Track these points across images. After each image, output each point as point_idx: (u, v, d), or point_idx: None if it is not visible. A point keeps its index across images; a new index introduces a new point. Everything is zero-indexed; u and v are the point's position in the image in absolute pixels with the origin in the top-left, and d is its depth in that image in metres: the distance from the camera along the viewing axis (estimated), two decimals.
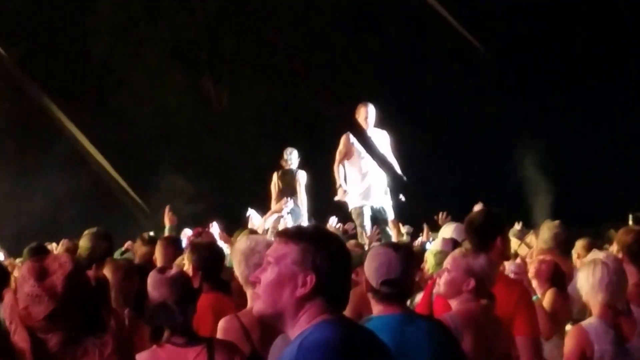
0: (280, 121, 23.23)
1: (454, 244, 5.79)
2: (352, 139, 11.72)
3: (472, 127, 22.71)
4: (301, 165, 13.32)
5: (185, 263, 5.55)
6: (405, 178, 11.57)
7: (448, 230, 6.43)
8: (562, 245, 5.58)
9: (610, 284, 4.52)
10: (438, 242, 6.00)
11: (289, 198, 12.38)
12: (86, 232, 6.62)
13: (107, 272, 5.28)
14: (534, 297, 5.37)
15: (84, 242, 6.44)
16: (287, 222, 11.69)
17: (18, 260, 9.76)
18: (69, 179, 21.40)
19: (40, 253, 6.75)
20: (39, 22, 23.03)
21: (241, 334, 4.32)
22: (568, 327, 4.73)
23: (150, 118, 23.80)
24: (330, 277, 2.67)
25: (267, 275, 2.70)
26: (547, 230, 5.65)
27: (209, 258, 5.37)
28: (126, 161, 19.94)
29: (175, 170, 23.99)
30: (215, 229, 10.12)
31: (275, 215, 12.14)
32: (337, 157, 11.99)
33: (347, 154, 11.81)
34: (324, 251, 2.69)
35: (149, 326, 3.97)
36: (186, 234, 10.06)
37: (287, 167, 13.09)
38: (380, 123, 12.10)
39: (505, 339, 4.51)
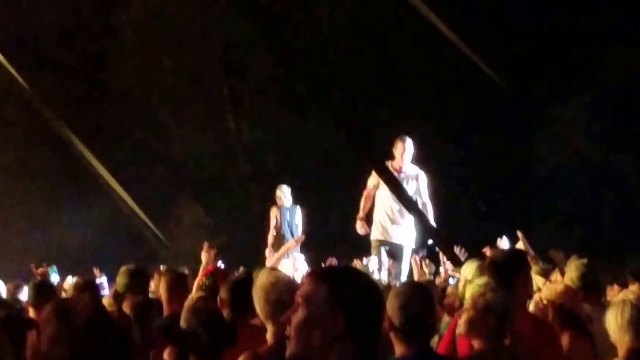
0: (301, 154, 23.26)
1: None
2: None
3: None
4: (325, 200, 13.47)
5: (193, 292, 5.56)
6: (433, 225, 11.16)
7: (470, 268, 6.40)
8: (589, 285, 5.52)
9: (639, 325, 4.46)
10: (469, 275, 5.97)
11: (301, 234, 12.38)
12: (122, 268, 6.64)
13: (125, 307, 5.29)
14: None
15: (120, 279, 6.45)
16: (298, 260, 11.65)
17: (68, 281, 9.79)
18: (90, 211, 21.50)
19: (46, 290, 6.78)
20: (62, 55, 23.23)
21: None
22: None
23: (170, 150, 23.90)
24: (361, 317, 2.65)
25: (297, 316, 2.68)
26: (574, 269, 5.60)
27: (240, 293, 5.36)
28: (146, 193, 19.98)
29: (195, 202, 24.05)
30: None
31: (288, 250, 12.16)
32: (367, 186, 11.73)
33: (376, 185, 11.55)
34: (354, 291, 2.66)
35: (176, 352, 3.97)
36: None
37: (282, 204, 13.27)
38: (417, 161, 11.81)
39: None
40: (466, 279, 6.15)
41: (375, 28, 23.64)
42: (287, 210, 13.26)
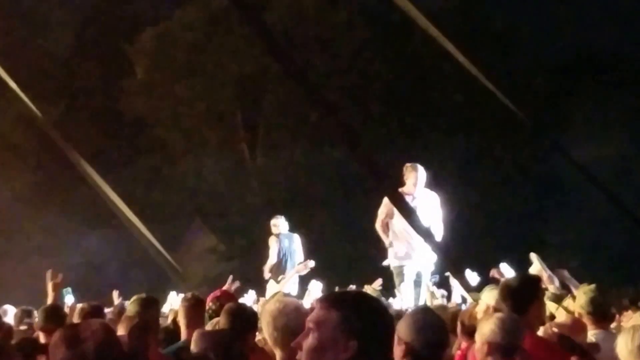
0: (314, 182, 23.29)
1: None
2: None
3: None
4: (336, 226, 13.55)
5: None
6: (445, 250, 11.07)
7: (491, 295, 6.39)
8: (598, 310, 5.51)
9: None
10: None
11: (309, 260, 12.43)
12: (134, 298, 6.65)
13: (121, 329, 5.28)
14: None
15: (132, 307, 6.46)
16: (313, 285, 11.64)
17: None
18: (100, 237, 21.54)
19: (54, 314, 6.77)
20: (74, 83, 23.38)
21: None
22: None
23: (183, 176, 23.95)
24: (372, 342, 2.66)
25: (309, 341, 2.69)
26: (583, 294, 5.59)
27: (242, 321, 5.36)
28: (159, 219, 20.03)
29: (207, 228, 24.07)
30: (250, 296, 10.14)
31: (296, 275, 12.19)
32: (379, 217, 11.67)
33: (389, 214, 11.48)
34: (366, 316, 2.67)
35: None
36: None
37: (278, 233, 13.54)
38: (429, 184, 11.75)
39: None
40: (488, 305, 6.15)
41: (390, 57, 23.74)
42: (285, 238, 13.47)
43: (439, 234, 11.27)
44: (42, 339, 6.35)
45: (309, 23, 23.80)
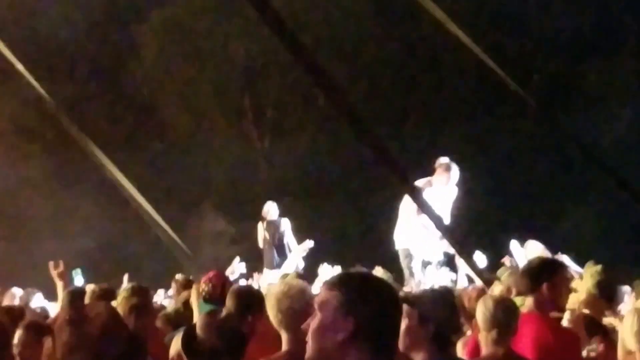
0: (322, 165, 23.29)
1: None
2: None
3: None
4: (346, 209, 13.58)
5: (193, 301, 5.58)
6: (455, 235, 11.04)
7: (510, 279, 6.41)
8: (605, 293, 5.50)
9: None
10: None
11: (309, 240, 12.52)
12: (123, 288, 6.68)
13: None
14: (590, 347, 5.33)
15: (121, 297, 6.47)
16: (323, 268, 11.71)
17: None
18: (110, 220, 21.60)
19: (79, 296, 6.79)
20: (83, 67, 23.41)
21: None
22: None
23: (192, 160, 23.97)
24: (372, 322, 2.68)
25: (313, 322, 2.74)
26: (589, 277, 5.58)
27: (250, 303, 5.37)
28: (168, 203, 20.07)
29: (217, 211, 24.12)
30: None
31: (297, 258, 12.26)
32: (407, 219, 11.55)
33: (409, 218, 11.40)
34: (366, 297, 2.69)
35: None
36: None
37: (268, 219, 13.84)
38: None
39: None
40: (508, 286, 6.19)
41: (400, 40, 23.69)
42: (273, 224, 13.65)
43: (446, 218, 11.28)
44: None
45: (317, 5, 23.74)
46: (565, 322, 5.41)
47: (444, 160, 11.42)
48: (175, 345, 4.74)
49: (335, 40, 23.56)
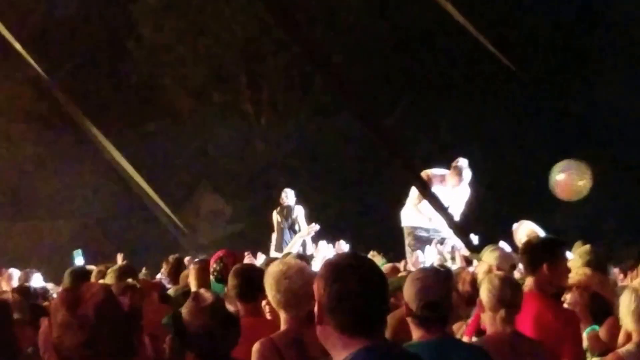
0: (320, 141, 23.27)
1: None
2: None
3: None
4: (343, 189, 13.62)
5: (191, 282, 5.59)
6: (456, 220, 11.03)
7: (491, 256, 6.42)
8: (597, 269, 5.52)
9: None
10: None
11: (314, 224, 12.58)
12: (111, 269, 6.69)
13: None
14: (590, 328, 5.34)
15: (108, 280, 6.49)
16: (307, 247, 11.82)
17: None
18: (108, 199, 21.62)
19: (82, 276, 6.81)
20: (80, 45, 23.33)
21: (276, 357, 4.34)
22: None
23: (189, 137, 23.95)
24: (343, 302, 2.68)
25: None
26: (578, 257, 5.59)
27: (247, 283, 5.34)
28: (165, 181, 20.08)
29: (214, 191, 24.13)
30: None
31: (301, 239, 12.31)
32: (413, 202, 11.54)
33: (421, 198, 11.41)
34: (336, 277, 2.70)
35: (191, 353, 3.97)
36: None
37: (284, 204, 14.14)
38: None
39: None
40: (490, 265, 6.18)
41: (393, 16, 23.61)
42: (287, 209, 13.90)
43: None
44: None
45: None
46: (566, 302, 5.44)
47: (459, 163, 11.38)
48: None
49: (330, 19, 23.49)
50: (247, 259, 9.76)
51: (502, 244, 7.43)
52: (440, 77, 23.40)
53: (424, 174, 11.23)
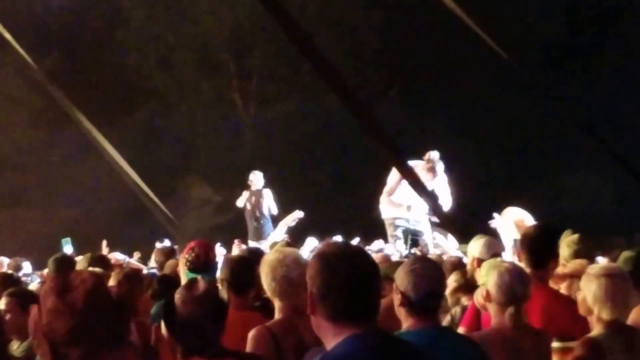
0: (309, 132, 23.26)
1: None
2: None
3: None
4: (331, 179, 13.60)
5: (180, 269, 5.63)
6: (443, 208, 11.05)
7: (477, 244, 6.42)
8: (586, 259, 5.51)
9: (617, 295, 4.49)
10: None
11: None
12: (83, 256, 6.70)
13: None
14: None
15: (80, 266, 6.48)
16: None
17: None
18: (97, 189, 21.58)
19: (64, 264, 6.80)
20: (69, 34, 23.25)
21: (272, 345, 4.34)
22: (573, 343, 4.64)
23: (178, 127, 23.92)
24: (333, 291, 2.70)
25: None
26: (566, 247, 5.58)
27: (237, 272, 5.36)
28: (154, 171, 20.06)
29: (202, 179, 24.11)
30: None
31: (285, 227, 12.30)
32: (387, 192, 11.58)
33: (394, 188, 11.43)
34: (325, 266, 2.71)
35: (180, 342, 3.97)
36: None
37: (253, 188, 13.97)
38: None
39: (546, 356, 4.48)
40: (474, 256, 6.16)
41: (385, 6, 23.60)
42: (253, 196, 13.74)
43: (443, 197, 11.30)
44: None
45: None
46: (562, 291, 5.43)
47: (432, 156, 11.37)
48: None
49: (321, 8, 23.46)
50: (236, 247, 9.79)
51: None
52: (430, 68, 23.42)
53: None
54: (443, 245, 9.99)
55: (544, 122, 22.01)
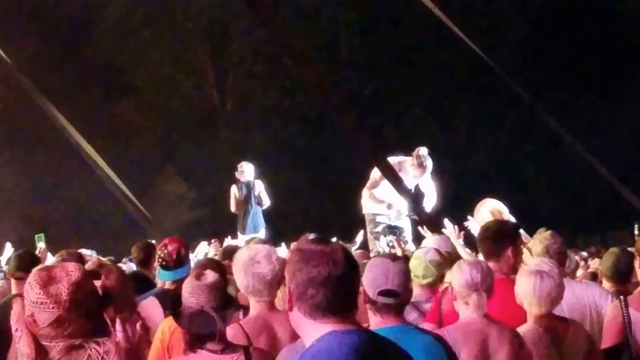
0: (286, 127, 23.27)
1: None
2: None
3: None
4: (309, 174, 13.50)
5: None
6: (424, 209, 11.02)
7: (432, 240, 6.44)
8: (556, 256, 5.55)
9: (543, 291, 4.61)
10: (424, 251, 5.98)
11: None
12: (58, 254, 6.66)
13: None
14: None
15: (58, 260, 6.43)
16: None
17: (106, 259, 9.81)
18: (71, 185, 21.47)
19: (27, 260, 6.74)
20: (45, 28, 23.11)
21: (245, 342, 4.34)
22: None
23: (154, 124, 23.85)
24: (311, 288, 2.67)
25: None
26: (539, 242, 5.62)
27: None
28: (129, 167, 19.98)
29: (178, 176, 24.06)
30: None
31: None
32: (368, 188, 11.56)
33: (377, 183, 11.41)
34: (304, 262, 2.69)
35: (187, 332, 3.97)
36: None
37: (242, 179, 13.56)
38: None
39: (514, 351, 4.50)
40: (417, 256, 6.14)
41: (361, 3, 23.66)
42: (245, 187, 13.53)
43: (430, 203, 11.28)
44: (13, 285, 6.31)
45: None
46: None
47: (421, 152, 11.33)
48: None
49: (297, 3, 23.48)
50: (213, 247, 9.73)
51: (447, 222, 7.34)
52: (406, 64, 23.51)
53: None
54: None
55: (517, 118, 22.20)
